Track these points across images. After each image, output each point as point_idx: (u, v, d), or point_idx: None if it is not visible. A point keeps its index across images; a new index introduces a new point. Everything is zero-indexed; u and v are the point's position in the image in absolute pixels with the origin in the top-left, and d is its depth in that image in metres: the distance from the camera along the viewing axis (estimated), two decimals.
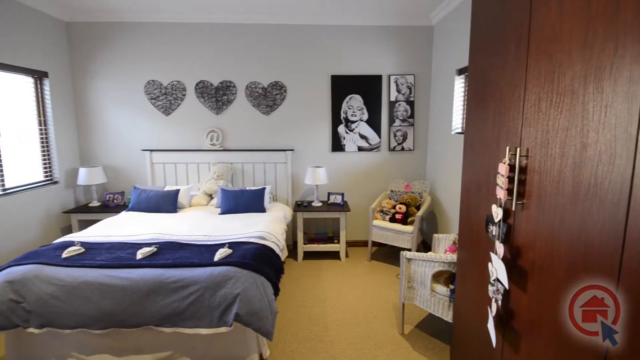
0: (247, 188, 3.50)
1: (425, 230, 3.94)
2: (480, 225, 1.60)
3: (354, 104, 3.86)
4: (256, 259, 2.17)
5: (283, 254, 2.72)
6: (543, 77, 1.14)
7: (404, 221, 3.39)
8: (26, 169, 3.22)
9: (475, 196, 1.66)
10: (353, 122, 3.89)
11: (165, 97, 3.78)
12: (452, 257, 2.06)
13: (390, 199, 3.80)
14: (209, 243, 2.43)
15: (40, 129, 3.39)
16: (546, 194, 1.13)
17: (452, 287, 2.09)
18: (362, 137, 3.92)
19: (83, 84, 3.73)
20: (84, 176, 3.52)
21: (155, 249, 2.24)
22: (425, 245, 3.89)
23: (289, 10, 3.49)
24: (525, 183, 1.24)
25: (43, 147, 3.41)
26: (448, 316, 2.09)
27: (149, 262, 2.06)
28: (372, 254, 3.72)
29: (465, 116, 2.59)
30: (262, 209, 3.34)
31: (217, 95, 3.80)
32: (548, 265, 1.12)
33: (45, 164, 3.43)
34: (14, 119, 3.10)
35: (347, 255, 3.74)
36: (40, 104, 3.39)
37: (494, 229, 1.41)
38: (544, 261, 1.14)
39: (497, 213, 1.37)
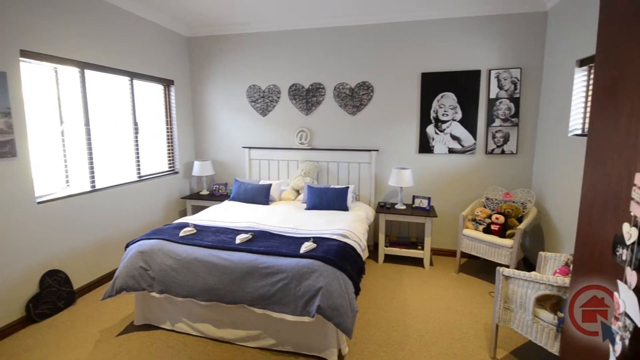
0: (332, 186, 3.60)
1: (527, 246, 3.47)
2: (604, 247, 1.33)
3: (445, 103, 3.62)
4: (339, 255, 2.23)
5: (364, 254, 2.73)
6: None
7: (501, 233, 3.04)
8: (155, 160, 3.92)
9: (599, 211, 1.39)
10: (444, 122, 3.65)
11: (263, 100, 4.16)
12: (564, 280, 1.77)
13: (485, 207, 3.45)
14: (295, 235, 2.58)
15: (167, 128, 4.09)
16: None
17: (560, 314, 1.80)
18: (454, 138, 3.64)
19: (199, 89, 4.37)
20: (197, 168, 4.13)
21: (251, 236, 2.49)
22: (526, 264, 3.43)
23: (378, 9, 3.45)
24: None
25: (168, 142, 4.11)
26: (554, 347, 1.80)
27: (245, 247, 2.30)
28: (461, 265, 3.44)
29: (588, 115, 2.19)
30: (344, 208, 3.40)
31: (307, 97, 4.01)
32: None
33: (169, 156, 4.13)
34: (149, 120, 3.80)
35: (431, 264, 3.54)
36: (167, 107, 4.08)
37: (624, 253, 1.17)
38: None
39: (630, 234, 1.12)
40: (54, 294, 2.61)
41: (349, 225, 2.84)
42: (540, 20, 3.29)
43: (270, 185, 3.77)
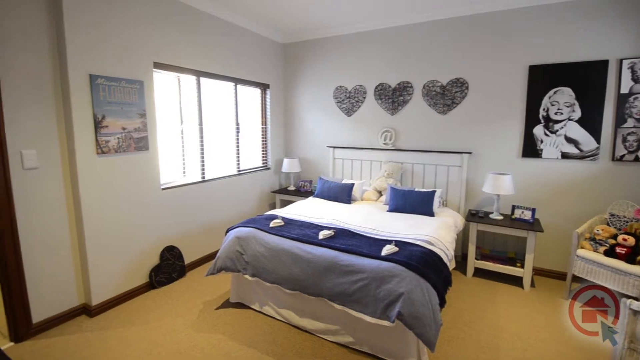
0: (416, 189, 3.45)
1: None
2: None
3: (559, 99, 3.12)
4: (422, 262, 2.12)
5: (451, 265, 2.55)
6: None
7: (629, 258, 2.49)
8: (251, 157, 4.33)
9: None
10: (557, 121, 3.15)
11: (349, 100, 4.21)
12: None
13: (608, 225, 2.87)
14: (376, 237, 2.55)
15: (262, 128, 4.47)
16: None
17: None
18: (570, 140, 3.11)
19: (290, 92, 4.66)
20: (286, 165, 4.42)
21: (333, 233, 2.55)
22: None
23: None
24: None
25: (263, 141, 4.50)
26: None
27: (327, 243, 2.37)
28: (572, 291, 2.92)
29: None
30: (430, 213, 3.22)
31: (394, 97, 3.91)
32: None
33: (263, 154, 4.52)
34: (248, 120, 4.21)
35: (532, 285, 3.10)
36: (263, 108, 4.46)
37: None
38: None
39: None
40: (170, 266, 3.12)
41: (435, 232, 2.68)
42: None
43: (352, 184, 3.80)
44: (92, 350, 2.18)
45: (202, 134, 3.49)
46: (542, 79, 3.17)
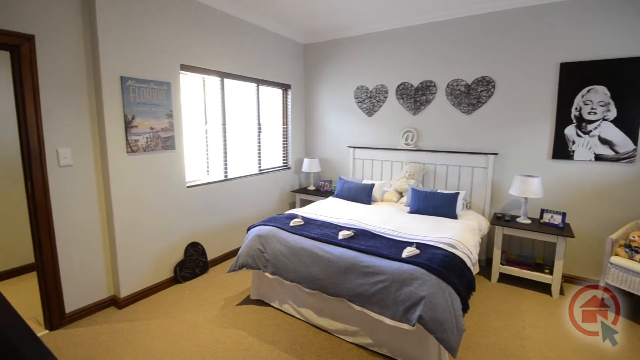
0: (439, 191, 3.37)
1: None
2: None
3: (593, 98, 2.96)
4: (444, 266, 2.08)
5: (474, 269, 2.47)
6: None
7: None
8: (272, 156, 4.38)
9: None
10: (591, 121, 2.99)
11: (370, 100, 4.18)
12: None
13: None
14: (397, 238, 2.52)
15: (283, 128, 4.51)
16: None
17: None
18: (604, 141, 2.95)
19: (311, 92, 4.67)
20: (307, 165, 4.45)
21: (352, 234, 2.54)
22: None
23: None
24: None
25: (283, 141, 4.54)
26: None
27: (347, 244, 2.36)
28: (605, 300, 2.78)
29: None
30: (453, 215, 3.15)
31: (416, 96, 3.84)
32: None
33: (284, 154, 4.56)
34: (269, 120, 4.26)
35: (561, 292, 2.96)
36: (284, 109, 4.50)
37: None
38: None
39: None
40: (193, 262, 3.21)
41: (458, 235, 2.62)
42: None
43: (373, 185, 3.77)
44: (120, 340, 2.28)
45: (225, 133, 3.57)
46: (574, 76, 3.02)
